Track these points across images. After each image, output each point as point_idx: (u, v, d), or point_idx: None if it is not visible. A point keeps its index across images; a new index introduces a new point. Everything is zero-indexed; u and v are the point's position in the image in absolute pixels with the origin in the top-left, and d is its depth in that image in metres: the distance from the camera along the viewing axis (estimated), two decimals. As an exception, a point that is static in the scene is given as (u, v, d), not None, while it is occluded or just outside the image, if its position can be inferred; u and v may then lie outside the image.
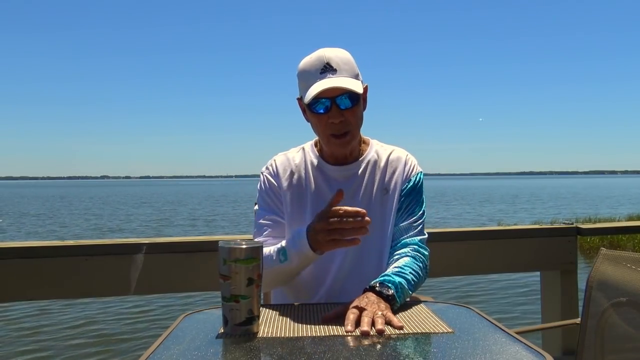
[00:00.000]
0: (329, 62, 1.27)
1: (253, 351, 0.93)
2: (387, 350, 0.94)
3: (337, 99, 1.27)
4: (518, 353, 0.90)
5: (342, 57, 1.29)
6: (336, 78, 1.26)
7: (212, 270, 2.02)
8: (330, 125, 1.30)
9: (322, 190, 1.41)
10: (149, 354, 0.91)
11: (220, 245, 0.99)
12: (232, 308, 1.00)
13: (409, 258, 1.34)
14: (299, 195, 1.42)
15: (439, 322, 1.08)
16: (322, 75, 1.26)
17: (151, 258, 2.04)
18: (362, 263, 1.38)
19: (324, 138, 1.36)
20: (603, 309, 1.47)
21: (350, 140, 1.34)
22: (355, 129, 1.34)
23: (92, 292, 2.21)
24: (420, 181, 1.46)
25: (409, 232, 1.40)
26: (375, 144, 1.48)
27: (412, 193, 1.43)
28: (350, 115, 1.30)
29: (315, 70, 1.27)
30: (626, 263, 1.45)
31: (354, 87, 1.26)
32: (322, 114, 1.30)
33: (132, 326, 5.30)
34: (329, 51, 1.29)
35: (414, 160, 1.47)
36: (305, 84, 1.29)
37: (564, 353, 2.33)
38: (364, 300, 1.12)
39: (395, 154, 1.46)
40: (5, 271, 1.97)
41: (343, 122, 1.30)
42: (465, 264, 2.41)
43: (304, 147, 1.48)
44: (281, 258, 1.27)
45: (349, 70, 1.29)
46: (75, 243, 2.08)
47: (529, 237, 2.45)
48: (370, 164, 1.43)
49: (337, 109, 1.28)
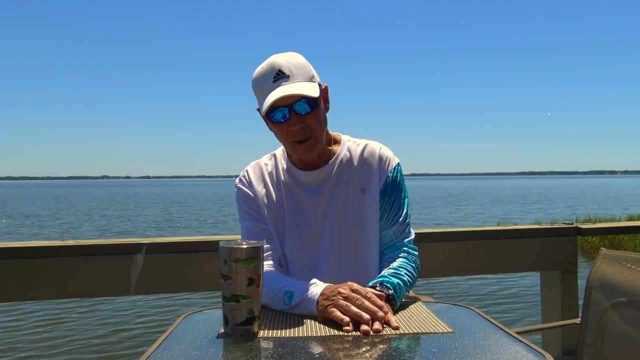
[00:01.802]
0: (280, 69, 1.23)
1: (253, 351, 0.93)
2: (387, 350, 0.94)
3: (295, 106, 1.24)
4: (518, 353, 0.90)
5: (294, 62, 1.25)
6: (289, 85, 1.22)
7: (212, 270, 2.02)
8: (292, 133, 1.27)
9: (297, 197, 1.39)
10: (150, 353, 0.91)
11: (221, 245, 1.00)
12: (233, 308, 1.00)
13: (401, 259, 1.35)
14: (275, 203, 1.40)
15: (439, 322, 1.08)
16: (276, 84, 1.23)
17: (151, 258, 2.04)
18: (347, 264, 1.36)
19: (288, 146, 1.33)
20: (603, 309, 1.47)
21: (314, 144, 1.30)
22: (318, 132, 1.30)
23: (92, 293, 2.21)
24: (399, 173, 1.41)
25: (398, 235, 1.39)
26: (347, 140, 1.44)
27: (394, 190, 1.39)
28: (311, 120, 1.27)
29: (268, 79, 1.24)
30: (626, 263, 1.45)
31: (309, 92, 1.22)
32: (282, 123, 1.27)
33: (133, 326, 5.30)
34: (280, 57, 1.26)
35: (389, 152, 1.42)
36: (260, 94, 1.27)
37: (564, 353, 2.33)
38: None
39: (368, 149, 1.41)
40: (5, 271, 1.97)
41: (304, 129, 1.27)
42: (465, 264, 2.41)
43: (275, 154, 1.45)
44: (286, 301, 1.20)
45: (303, 74, 1.25)
46: (75, 243, 2.08)
47: (529, 237, 2.45)
48: (343, 164, 1.39)
49: (296, 115, 1.25)
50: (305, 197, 1.38)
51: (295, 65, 1.25)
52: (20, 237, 15.16)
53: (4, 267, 1.96)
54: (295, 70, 1.25)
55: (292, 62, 1.25)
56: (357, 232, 1.37)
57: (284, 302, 1.20)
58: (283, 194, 1.40)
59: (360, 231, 1.38)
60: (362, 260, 1.37)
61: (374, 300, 1.09)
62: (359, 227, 1.37)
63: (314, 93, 1.22)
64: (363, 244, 1.38)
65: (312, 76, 1.28)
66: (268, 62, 1.26)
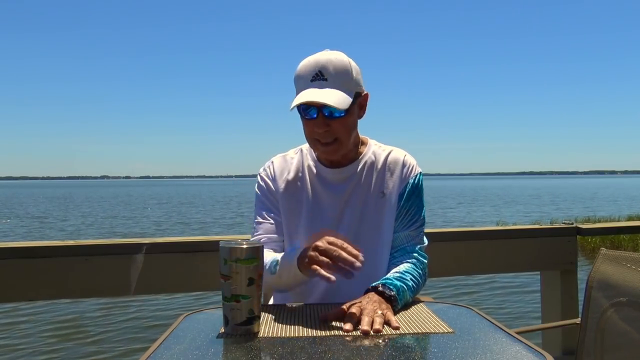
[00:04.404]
0: (321, 70, 1.24)
1: (254, 351, 0.93)
2: (387, 350, 0.94)
3: (324, 109, 1.25)
4: (518, 353, 0.90)
5: (338, 66, 1.26)
6: (322, 90, 1.23)
7: (212, 270, 2.02)
8: (316, 132, 1.29)
9: (318, 192, 1.41)
10: (150, 353, 0.91)
11: (221, 245, 1.00)
12: (233, 308, 1.00)
13: (409, 264, 1.34)
14: (295, 196, 1.42)
15: (439, 322, 1.08)
16: (312, 84, 1.24)
17: (151, 258, 2.04)
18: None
19: (310, 143, 1.35)
20: (603, 309, 1.47)
21: (337, 147, 1.31)
22: (343, 137, 1.31)
23: (92, 293, 2.20)
24: (420, 182, 1.43)
25: (410, 240, 1.39)
26: (374, 144, 1.46)
27: (412, 197, 1.40)
28: (337, 125, 1.28)
29: (307, 76, 1.25)
30: (626, 263, 1.45)
31: (336, 103, 1.22)
32: (308, 120, 1.29)
33: (133, 326, 5.30)
34: (325, 56, 1.27)
35: (413, 160, 1.44)
36: (297, 87, 1.28)
37: (564, 353, 2.33)
38: (366, 300, 1.13)
39: (393, 155, 1.43)
40: (5, 271, 1.97)
41: (328, 132, 1.28)
42: (465, 264, 2.41)
43: (302, 149, 1.47)
44: (272, 269, 1.27)
45: (341, 81, 1.25)
46: (75, 243, 2.08)
47: (529, 237, 2.45)
48: (367, 165, 1.41)
49: (324, 118, 1.26)
50: (325, 193, 1.40)
51: (337, 70, 1.25)
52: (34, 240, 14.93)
53: (4, 267, 1.96)
54: (335, 75, 1.25)
55: (335, 65, 1.26)
56: (372, 234, 1.38)
57: (271, 272, 1.27)
58: (303, 188, 1.42)
59: (374, 234, 1.38)
60: (373, 262, 1.36)
61: (350, 250, 1.12)
62: (374, 229, 1.38)
63: (342, 105, 1.23)
64: (376, 247, 1.38)
65: (352, 84, 1.28)
66: (315, 58, 1.27)
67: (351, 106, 1.27)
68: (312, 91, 1.23)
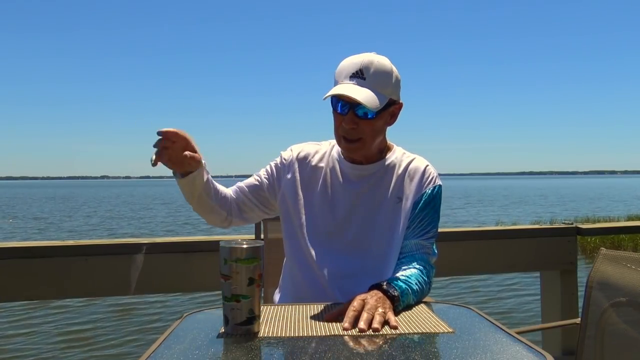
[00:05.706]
0: (362, 69, 1.26)
1: (254, 351, 0.93)
2: (388, 350, 0.94)
3: (357, 107, 1.27)
4: (518, 353, 0.90)
5: (379, 68, 1.27)
6: (358, 88, 1.25)
7: (211, 270, 2.02)
8: (342, 127, 1.31)
9: (334, 184, 1.42)
10: (150, 353, 0.91)
11: (221, 245, 1.00)
12: (233, 308, 1.00)
13: (416, 270, 1.32)
14: (311, 183, 1.44)
15: (439, 322, 1.08)
16: (350, 80, 1.27)
17: (151, 258, 2.04)
18: (366, 267, 1.37)
19: (336, 136, 1.37)
20: (603, 309, 1.47)
21: (360, 147, 1.33)
22: (369, 138, 1.32)
23: (92, 292, 2.21)
24: (438, 195, 1.42)
25: (419, 248, 1.38)
26: (399, 151, 1.47)
27: (427, 207, 1.39)
28: (365, 125, 1.30)
29: (348, 72, 1.28)
30: (626, 263, 1.45)
31: (367, 102, 1.23)
32: (339, 114, 1.31)
33: (133, 326, 5.30)
34: (370, 57, 1.28)
35: (434, 172, 1.43)
36: (335, 81, 1.31)
37: (564, 353, 2.33)
38: (369, 295, 1.12)
39: (415, 163, 1.43)
40: (5, 271, 1.97)
41: (355, 130, 1.30)
42: (465, 264, 2.41)
43: (332, 142, 1.49)
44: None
45: (379, 83, 1.27)
46: (75, 243, 2.08)
47: (529, 237, 2.45)
48: (389, 168, 1.42)
49: (353, 115, 1.29)
50: (340, 187, 1.41)
51: (378, 72, 1.27)
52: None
53: (3, 267, 1.96)
54: (374, 77, 1.27)
55: (377, 67, 1.27)
56: (382, 237, 1.38)
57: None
58: (321, 176, 1.43)
59: (385, 237, 1.38)
60: (381, 262, 1.36)
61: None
62: (385, 232, 1.38)
63: (372, 105, 1.24)
64: (385, 249, 1.38)
65: (388, 89, 1.29)
66: (360, 57, 1.29)
67: (382, 111, 1.29)
68: (347, 86, 1.26)
